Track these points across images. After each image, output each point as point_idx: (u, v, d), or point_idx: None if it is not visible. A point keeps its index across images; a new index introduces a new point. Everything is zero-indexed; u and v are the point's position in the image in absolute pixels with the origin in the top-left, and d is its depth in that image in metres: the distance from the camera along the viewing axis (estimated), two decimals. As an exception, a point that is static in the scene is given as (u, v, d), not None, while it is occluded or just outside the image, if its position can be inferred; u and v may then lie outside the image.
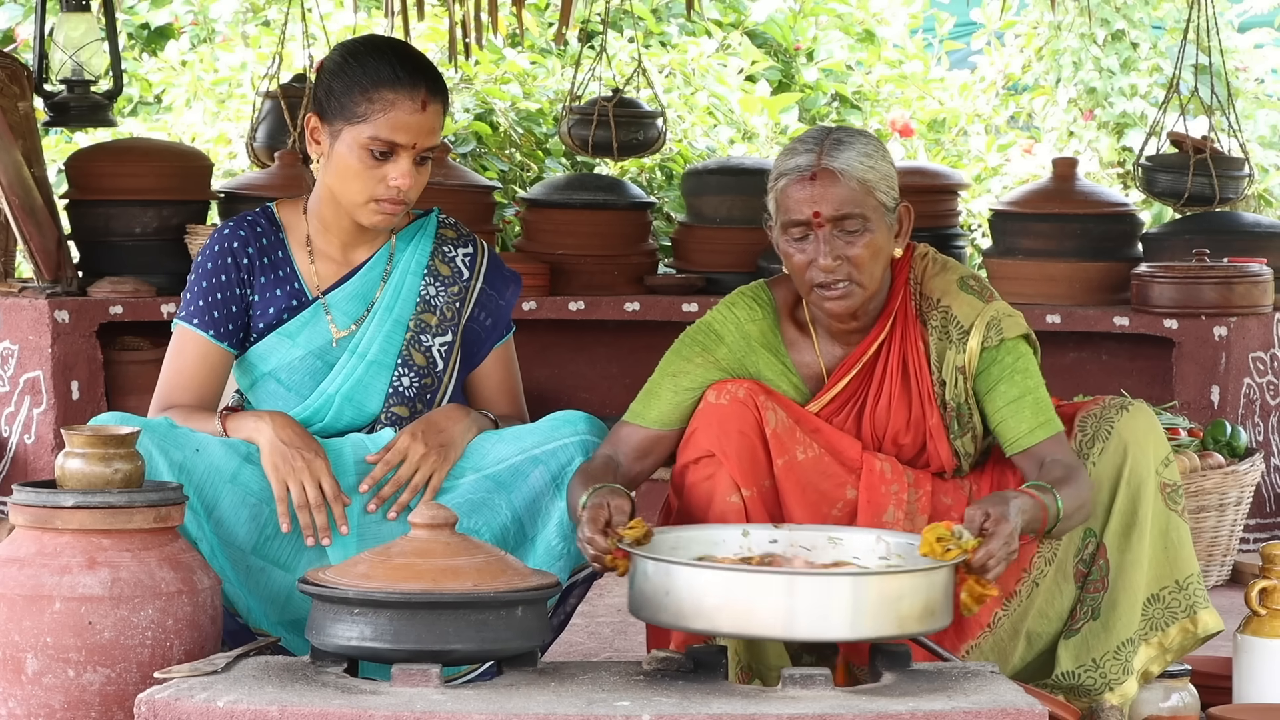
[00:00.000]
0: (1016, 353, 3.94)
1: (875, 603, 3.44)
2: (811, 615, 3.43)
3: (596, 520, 3.66)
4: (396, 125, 4.01)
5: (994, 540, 3.59)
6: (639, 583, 3.56)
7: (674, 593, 3.49)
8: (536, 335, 7.14)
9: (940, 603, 3.52)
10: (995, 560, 3.58)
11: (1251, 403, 6.56)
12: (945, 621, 3.54)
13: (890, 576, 3.48)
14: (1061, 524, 3.75)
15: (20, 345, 6.64)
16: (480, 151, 9.00)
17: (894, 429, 3.97)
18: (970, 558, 3.57)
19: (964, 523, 3.61)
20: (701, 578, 3.48)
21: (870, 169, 3.85)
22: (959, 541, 3.57)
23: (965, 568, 3.58)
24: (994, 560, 3.58)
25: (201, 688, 3.34)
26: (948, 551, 3.56)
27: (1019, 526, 3.63)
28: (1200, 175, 6.87)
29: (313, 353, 4.13)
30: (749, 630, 3.48)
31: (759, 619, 3.44)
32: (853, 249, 3.85)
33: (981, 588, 3.60)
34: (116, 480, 3.62)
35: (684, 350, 4.00)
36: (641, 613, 3.57)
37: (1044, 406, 3.91)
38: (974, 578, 3.59)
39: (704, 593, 3.46)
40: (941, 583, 3.53)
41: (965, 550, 3.56)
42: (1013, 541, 3.60)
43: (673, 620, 3.50)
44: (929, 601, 3.49)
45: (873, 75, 10.57)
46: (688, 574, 3.49)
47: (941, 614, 3.52)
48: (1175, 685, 4.02)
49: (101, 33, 7.15)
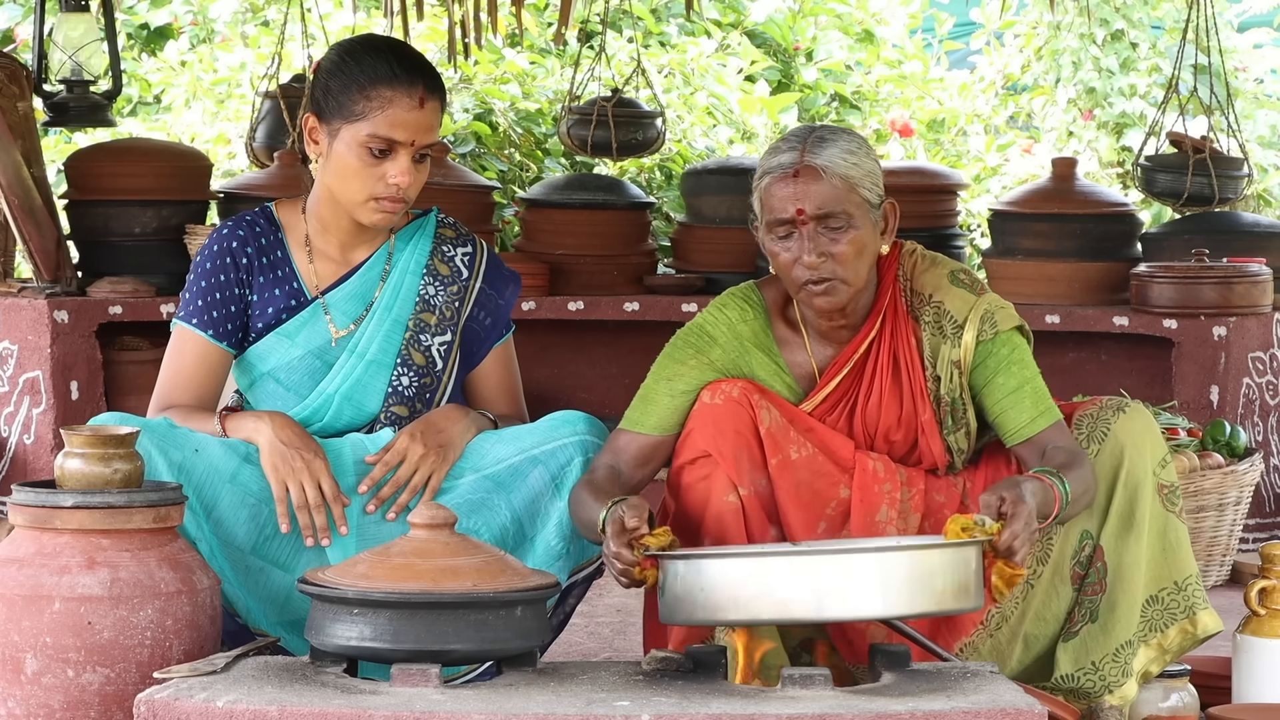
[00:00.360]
0: (1012, 344, 3.95)
1: (905, 578, 3.44)
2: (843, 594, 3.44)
3: (620, 534, 3.66)
4: (395, 122, 4.01)
5: (1016, 521, 3.60)
6: (670, 586, 3.56)
7: (708, 588, 3.49)
8: (536, 335, 7.14)
9: (972, 581, 3.52)
10: (1020, 541, 3.59)
11: (1251, 403, 6.56)
12: (978, 603, 3.54)
13: (918, 551, 3.49)
14: (1070, 509, 3.76)
15: (20, 345, 6.64)
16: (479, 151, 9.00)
17: (885, 426, 3.97)
18: (996, 540, 3.58)
19: (981, 510, 3.62)
20: (734, 567, 3.49)
21: (853, 166, 3.85)
22: (982, 527, 3.58)
23: (992, 551, 3.59)
24: (1019, 541, 3.59)
25: (201, 688, 3.34)
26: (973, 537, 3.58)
27: (1035, 508, 3.64)
28: (1199, 175, 6.87)
29: (312, 352, 4.13)
30: (785, 614, 3.49)
31: (792, 602, 3.45)
32: (836, 246, 3.85)
33: (1011, 569, 3.61)
34: (116, 480, 3.62)
35: (676, 353, 4.00)
36: (676, 616, 3.57)
37: (1042, 395, 3.93)
38: (1002, 560, 3.61)
39: (734, 582, 3.47)
40: (970, 559, 3.53)
41: (989, 534, 3.58)
42: (1033, 522, 3.62)
43: (709, 615, 3.51)
44: (960, 578, 3.50)
45: (872, 75, 10.57)
46: (719, 566, 3.50)
47: (974, 593, 3.53)
48: (1175, 685, 4.02)
49: (101, 33, 7.15)
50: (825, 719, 3.25)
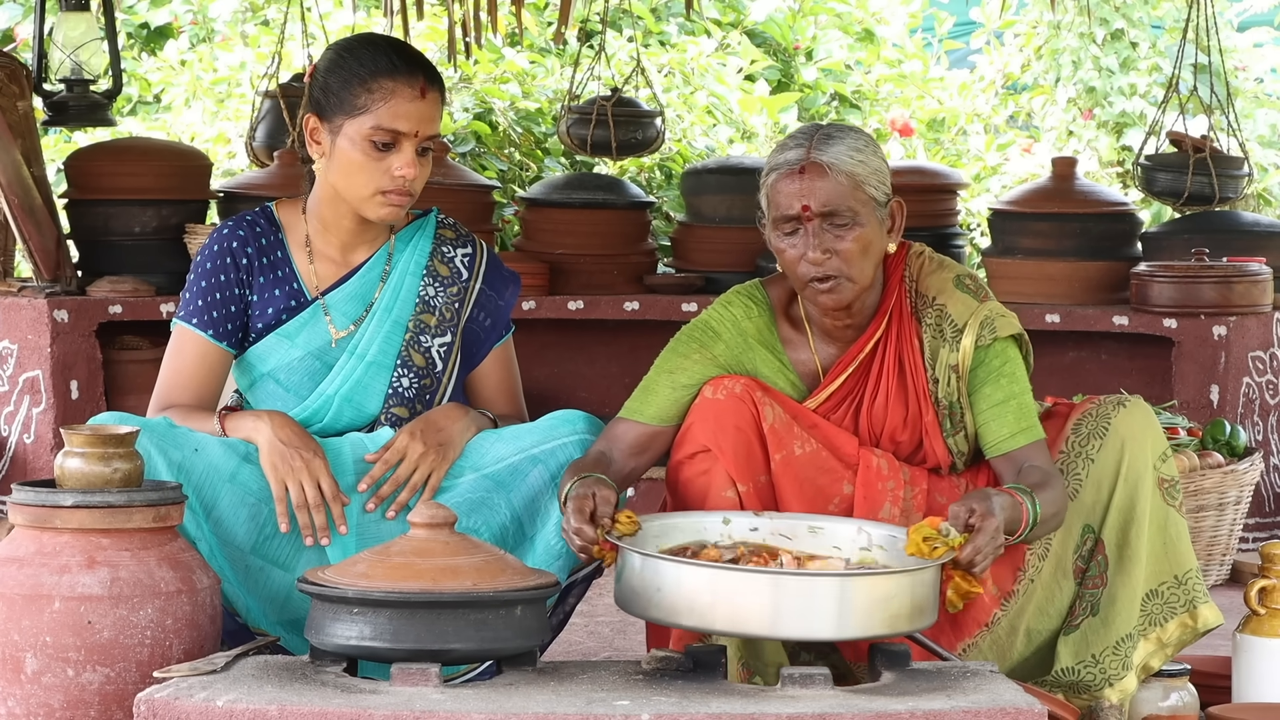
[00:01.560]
0: (1005, 356, 3.94)
1: (862, 602, 3.44)
2: (798, 614, 3.44)
3: (583, 510, 3.66)
4: (398, 113, 4.01)
5: (980, 535, 3.60)
6: (626, 576, 3.57)
7: (664, 588, 3.49)
8: (535, 335, 7.14)
9: (928, 600, 3.53)
10: (982, 556, 3.59)
11: (1251, 402, 6.56)
12: (932, 619, 3.55)
13: (877, 577, 3.49)
14: (1037, 529, 3.76)
15: (19, 345, 6.64)
16: (479, 151, 9.00)
17: (891, 426, 3.97)
18: (958, 554, 3.58)
19: (949, 519, 3.62)
20: (687, 574, 3.49)
21: (860, 163, 3.86)
22: (945, 539, 3.58)
23: (953, 564, 3.59)
24: (981, 556, 3.59)
25: (201, 687, 3.34)
26: (935, 550, 3.57)
27: (1003, 524, 3.64)
28: (1200, 174, 6.86)
29: (312, 353, 4.13)
30: (738, 628, 3.49)
31: (747, 617, 3.45)
32: (842, 243, 3.85)
33: (968, 584, 3.61)
34: (116, 480, 3.62)
35: (681, 348, 4.00)
36: (631, 607, 3.58)
37: (1027, 412, 3.92)
38: (960, 574, 3.60)
39: (690, 589, 3.47)
40: (929, 581, 3.54)
41: (952, 547, 3.57)
42: (998, 537, 3.61)
43: (664, 616, 3.51)
44: (916, 600, 3.50)
45: (872, 75, 10.57)
46: (674, 570, 3.50)
47: (929, 612, 3.54)
48: (1174, 684, 4.02)
49: (101, 32, 7.15)
50: (825, 718, 3.25)
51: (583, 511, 3.66)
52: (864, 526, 3.77)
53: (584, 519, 3.65)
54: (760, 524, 3.79)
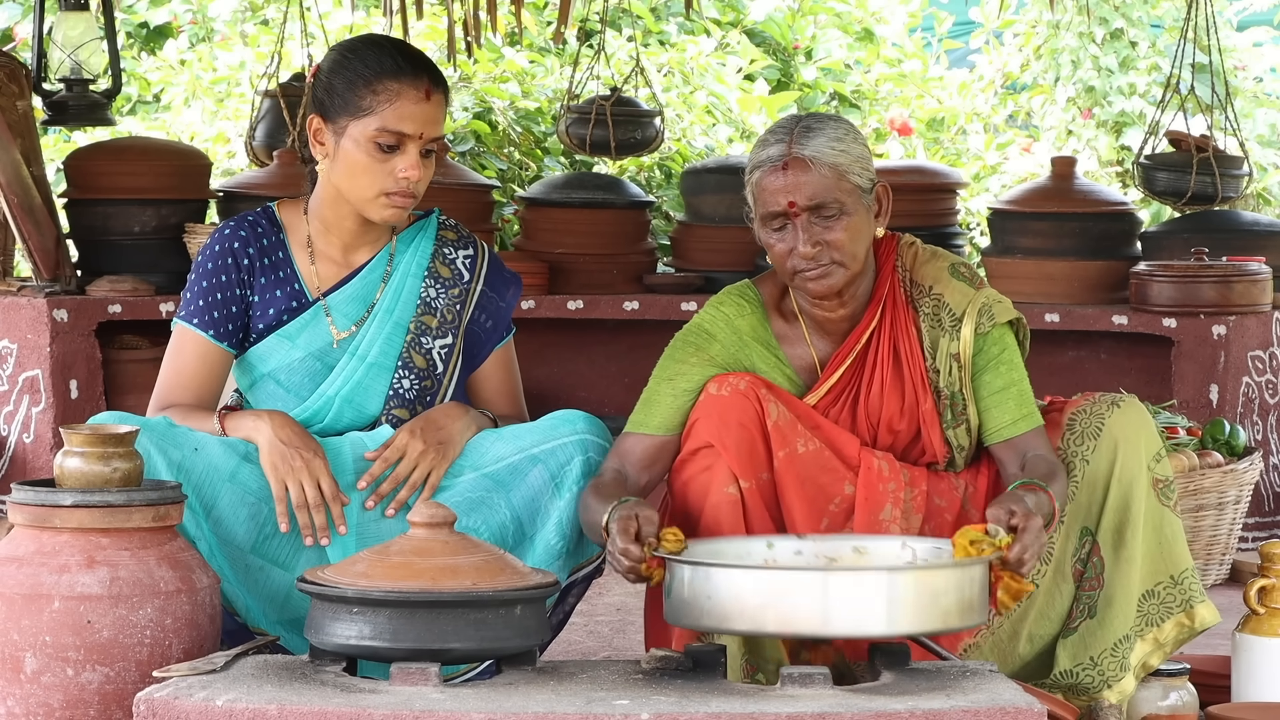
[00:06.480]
0: (1003, 343, 3.95)
1: (911, 598, 3.45)
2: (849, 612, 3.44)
3: (627, 531, 3.66)
4: (403, 115, 4.01)
5: (1027, 534, 3.60)
6: (676, 590, 3.57)
7: (714, 596, 3.50)
8: (535, 334, 7.14)
9: (977, 597, 3.54)
10: (1030, 554, 3.60)
11: (1250, 401, 6.56)
12: (981, 618, 3.56)
13: (927, 571, 3.51)
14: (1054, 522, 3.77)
15: (19, 344, 6.64)
16: (479, 150, 9.00)
17: (888, 416, 3.97)
18: (1006, 554, 3.58)
19: (989, 523, 3.62)
20: (737, 578, 3.49)
21: (841, 153, 3.86)
22: (993, 540, 3.59)
23: (1000, 564, 3.60)
24: (1029, 554, 3.60)
25: (200, 687, 3.34)
26: (982, 551, 3.58)
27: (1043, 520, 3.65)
28: (1199, 174, 6.86)
29: (312, 354, 4.13)
30: (789, 629, 3.49)
31: (797, 617, 3.45)
32: (831, 234, 3.86)
33: (1017, 584, 3.62)
34: (115, 479, 3.62)
35: (677, 353, 4.00)
36: (682, 619, 3.57)
37: (1027, 399, 3.94)
38: (1009, 574, 3.61)
39: (740, 593, 3.47)
40: (977, 578, 3.55)
41: (999, 547, 3.58)
42: (1042, 535, 3.63)
43: (715, 623, 3.51)
44: (965, 596, 3.51)
45: (871, 74, 10.57)
46: (727, 576, 3.50)
47: (979, 609, 3.54)
48: (1174, 684, 4.02)
49: (100, 31, 7.15)
50: (825, 718, 3.25)
51: (628, 532, 3.66)
52: (908, 542, 3.76)
53: (630, 539, 3.65)
54: (804, 547, 3.79)
